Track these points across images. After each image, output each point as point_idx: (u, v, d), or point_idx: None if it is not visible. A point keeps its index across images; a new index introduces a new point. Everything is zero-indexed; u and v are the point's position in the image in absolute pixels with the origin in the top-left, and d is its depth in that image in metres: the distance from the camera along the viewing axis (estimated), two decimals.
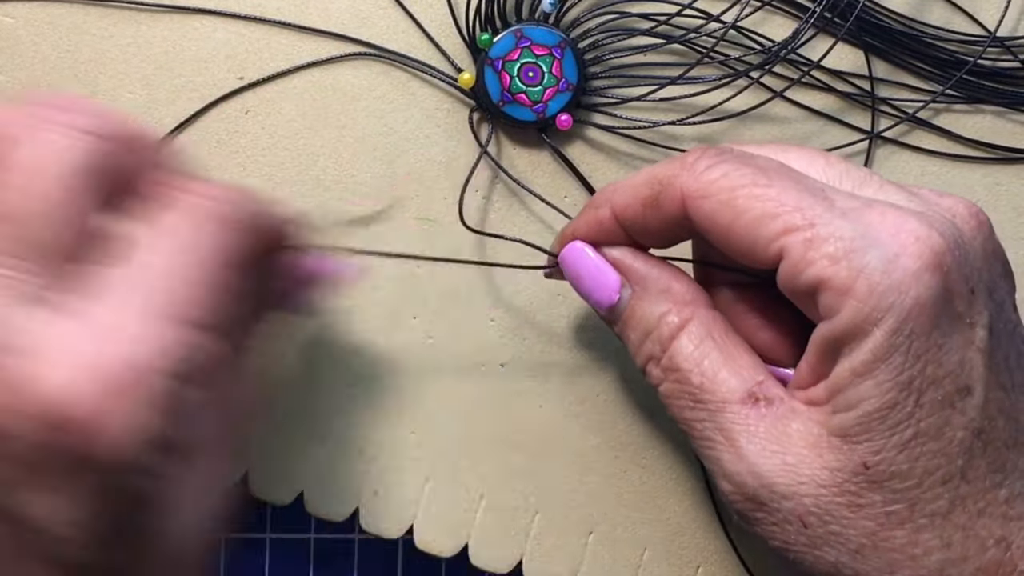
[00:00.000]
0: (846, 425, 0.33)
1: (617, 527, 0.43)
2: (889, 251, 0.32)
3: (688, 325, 0.36)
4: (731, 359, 0.35)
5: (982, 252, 0.34)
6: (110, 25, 0.43)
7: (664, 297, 0.37)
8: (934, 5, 0.44)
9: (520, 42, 0.42)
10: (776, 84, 0.43)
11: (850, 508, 0.33)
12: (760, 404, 0.34)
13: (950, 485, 0.33)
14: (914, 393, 0.32)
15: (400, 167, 0.43)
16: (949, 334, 0.32)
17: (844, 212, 0.33)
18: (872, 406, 0.32)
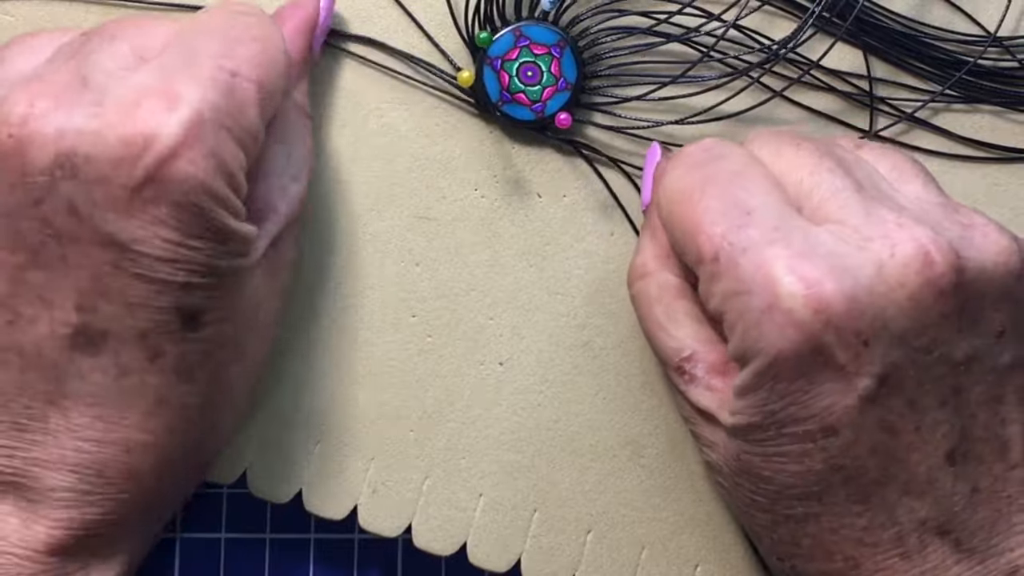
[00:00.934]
0: (728, 423, 0.36)
1: (615, 526, 0.43)
2: (763, 301, 0.34)
3: (647, 279, 0.40)
4: (672, 325, 0.39)
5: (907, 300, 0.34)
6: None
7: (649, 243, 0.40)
8: (934, 5, 0.44)
9: (519, 41, 0.42)
10: (775, 84, 0.43)
11: (731, 480, 0.38)
12: (684, 376, 0.38)
13: (806, 502, 0.36)
14: (776, 423, 0.35)
15: (399, 165, 0.43)
16: (820, 382, 0.34)
17: (746, 247, 0.34)
18: (742, 420, 0.36)
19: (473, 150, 0.43)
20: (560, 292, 0.43)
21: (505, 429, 0.43)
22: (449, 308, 0.43)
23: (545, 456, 0.43)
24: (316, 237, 0.43)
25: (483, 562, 0.43)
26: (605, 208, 0.43)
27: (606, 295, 0.43)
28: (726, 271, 0.35)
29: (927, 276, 0.34)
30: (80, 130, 0.33)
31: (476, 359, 0.43)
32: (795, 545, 0.37)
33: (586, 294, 0.43)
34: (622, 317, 0.43)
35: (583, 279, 0.43)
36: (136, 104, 0.33)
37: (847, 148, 0.39)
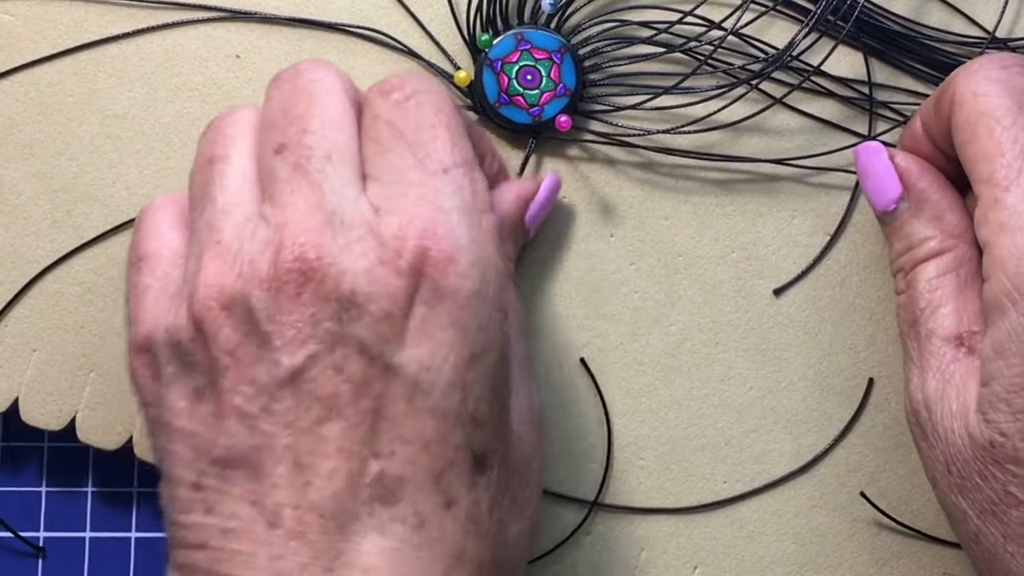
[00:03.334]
0: (982, 399, 0.34)
1: (614, 527, 0.43)
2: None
3: (943, 255, 0.38)
4: (962, 300, 0.37)
5: None
6: (110, 23, 0.43)
7: (934, 224, 0.38)
8: (933, 7, 0.44)
9: (520, 44, 0.42)
10: (774, 90, 0.43)
11: (979, 476, 0.35)
12: (962, 350, 0.36)
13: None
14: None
15: None
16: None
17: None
18: (1000, 386, 0.34)
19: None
20: (559, 294, 0.43)
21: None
22: None
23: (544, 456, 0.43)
24: None
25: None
26: (604, 210, 0.43)
27: (605, 297, 0.43)
28: (1016, 204, 0.34)
29: None
30: (355, 271, 0.33)
31: None
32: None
33: (585, 296, 0.43)
34: (621, 319, 0.43)
35: (582, 281, 0.43)
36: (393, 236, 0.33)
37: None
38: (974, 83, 0.36)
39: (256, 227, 0.34)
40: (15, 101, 0.43)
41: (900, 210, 0.39)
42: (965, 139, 0.36)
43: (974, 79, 0.36)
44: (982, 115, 0.35)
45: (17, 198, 0.43)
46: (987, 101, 0.36)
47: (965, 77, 0.37)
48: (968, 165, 0.36)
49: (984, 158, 0.35)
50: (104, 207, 0.43)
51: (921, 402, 0.37)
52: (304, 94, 0.36)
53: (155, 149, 0.43)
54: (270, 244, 0.33)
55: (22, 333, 0.42)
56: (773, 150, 0.43)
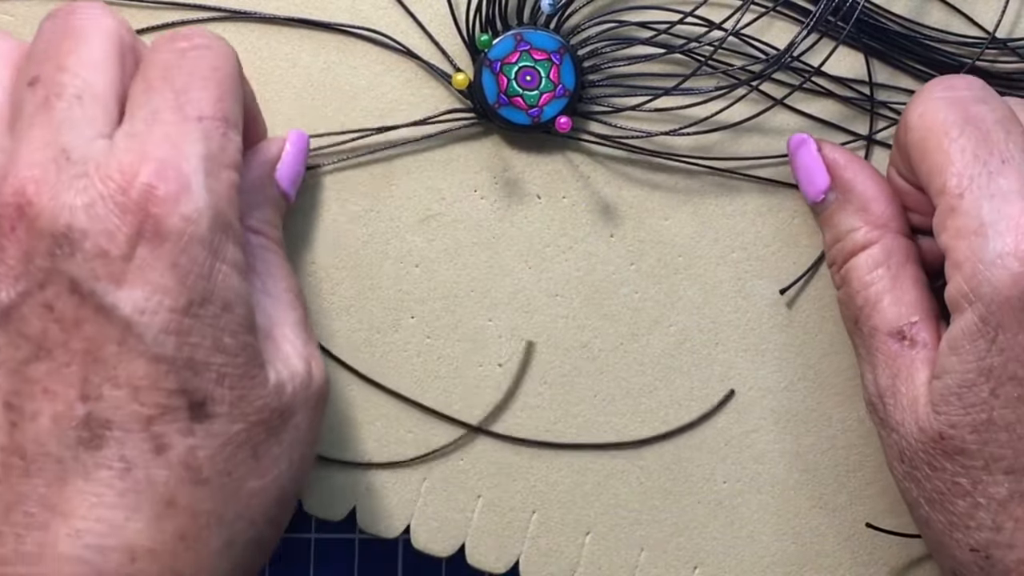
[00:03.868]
0: (936, 392, 0.35)
1: (614, 527, 0.43)
2: (1003, 247, 0.34)
3: (871, 247, 0.39)
4: (898, 291, 0.38)
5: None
6: None
7: (860, 215, 0.40)
8: (933, 7, 0.44)
9: (519, 45, 0.42)
10: (775, 90, 0.43)
11: (928, 466, 0.36)
12: (905, 343, 0.38)
13: (1012, 477, 0.35)
14: (991, 381, 0.34)
15: (398, 166, 0.43)
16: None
17: (994, 194, 0.35)
18: (953, 380, 0.35)
19: (473, 152, 0.43)
20: (559, 294, 0.43)
21: (503, 431, 0.43)
22: (448, 309, 0.43)
23: (544, 457, 0.43)
24: (315, 238, 0.43)
25: (481, 563, 0.43)
26: (604, 210, 0.43)
27: (605, 297, 0.43)
28: (969, 209, 0.35)
29: None
30: (73, 206, 0.32)
31: (475, 360, 0.43)
32: (996, 531, 0.35)
33: (585, 296, 0.43)
34: (621, 319, 0.43)
35: (583, 281, 0.43)
36: (121, 171, 0.32)
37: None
38: (920, 105, 0.37)
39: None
40: None
41: (829, 200, 0.41)
42: (918, 159, 0.37)
43: (919, 101, 0.37)
44: (930, 131, 0.36)
45: None
46: (933, 117, 0.37)
47: (912, 103, 0.38)
48: (925, 183, 0.37)
49: (937, 170, 0.36)
50: None
51: (876, 395, 0.38)
52: (71, 31, 0.35)
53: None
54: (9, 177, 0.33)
55: None
56: (773, 150, 0.43)
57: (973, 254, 0.34)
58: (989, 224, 0.34)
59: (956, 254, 0.35)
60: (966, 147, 0.36)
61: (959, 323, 0.35)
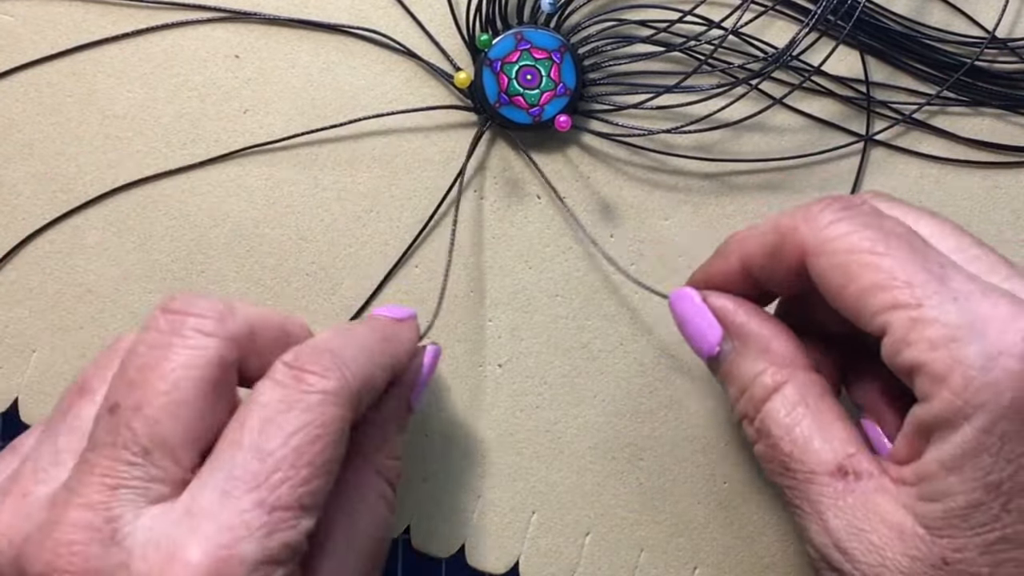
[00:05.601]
0: (930, 516, 0.32)
1: (614, 528, 0.43)
2: (992, 347, 0.31)
3: (782, 388, 0.36)
4: (824, 427, 0.35)
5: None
6: (109, 24, 0.43)
7: (762, 357, 0.36)
8: (933, 7, 0.44)
9: (520, 44, 0.42)
10: (774, 89, 0.43)
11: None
12: (849, 478, 0.34)
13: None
14: (1002, 496, 0.31)
15: (399, 166, 0.43)
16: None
17: (956, 296, 0.32)
18: (956, 503, 0.31)
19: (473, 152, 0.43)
20: (559, 294, 0.43)
21: (504, 431, 0.43)
22: (448, 309, 0.43)
23: (543, 458, 0.43)
24: (315, 239, 0.43)
25: (481, 564, 0.43)
26: (604, 210, 0.43)
27: (605, 297, 0.43)
28: (936, 317, 0.31)
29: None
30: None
31: (475, 360, 0.43)
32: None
33: (585, 296, 0.43)
34: (621, 319, 0.43)
35: (583, 281, 0.43)
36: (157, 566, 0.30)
37: None
38: (825, 229, 0.34)
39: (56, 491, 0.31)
40: (15, 101, 0.43)
41: (725, 352, 0.37)
42: (841, 283, 0.33)
43: (820, 225, 0.34)
44: (851, 253, 0.33)
45: (17, 198, 0.43)
46: (849, 239, 0.33)
47: (811, 227, 0.34)
48: (852, 306, 0.33)
49: (875, 290, 0.32)
50: (104, 207, 0.43)
51: (830, 546, 0.34)
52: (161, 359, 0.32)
53: (155, 149, 0.43)
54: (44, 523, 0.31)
55: (22, 333, 0.42)
56: (773, 149, 0.43)
57: (959, 363, 0.31)
58: (964, 327, 0.31)
59: (935, 367, 0.31)
60: (901, 259, 0.32)
61: (954, 440, 0.31)
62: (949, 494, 0.31)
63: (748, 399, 0.36)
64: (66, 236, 0.43)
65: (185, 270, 0.43)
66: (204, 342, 0.32)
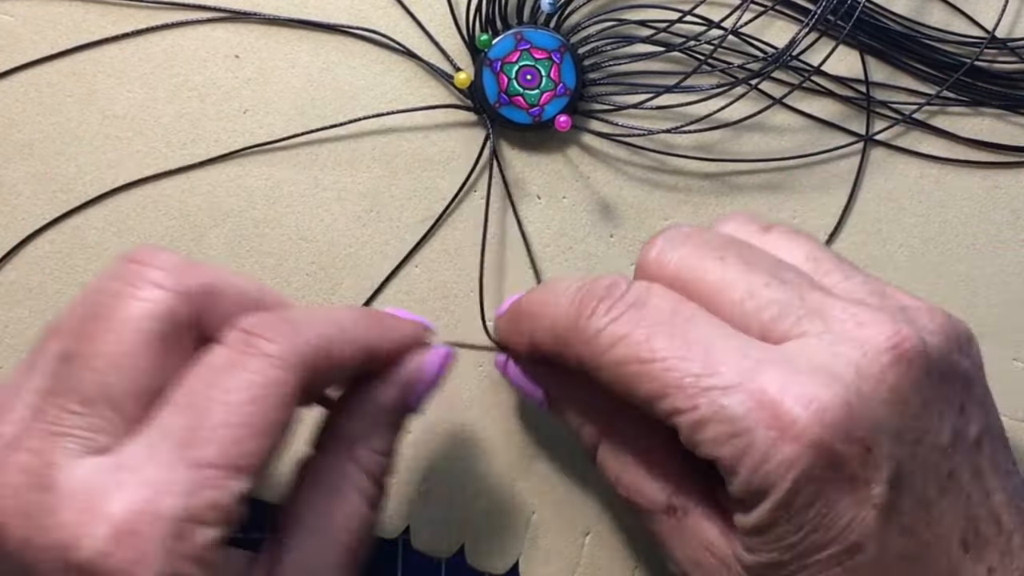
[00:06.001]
0: (743, 561, 0.34)
1: (614, 528, 0.43)
2: (769, 433, 0.32)
3: (603, 440, 0.38)
4: (650, 467, 0.37)
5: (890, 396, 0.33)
6: (109, 23, 0.43)
7: (578, 412, 0.38)
8: (933, 7, 0.44)
9: (520, 44, 0.42)
10: (774, 89, 0.43)
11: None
12: (678, 514, 0.36)
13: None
14: (800, 557, 0.33)
15: (399, 166, 0.43)
16: (836, 501, 0.32)
17: (728, 386, 0.32)
18: (761, 559, 0.33)
19: (473, 151, 0.43)
20: None
21: (504, 431, 0.43)
22: (448, 309, 0.43)
23: (543, 458, 0.43)
24: (315, 239, 0.43)
25: (481, 564, 0.43)
26: (604, 210, 0.43)
27: None
28: (713, 416, 0.32)
29: (902, 366, 0.33)
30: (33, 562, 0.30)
31: (475, 361, 0.43)
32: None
33: None
34: None
35: None
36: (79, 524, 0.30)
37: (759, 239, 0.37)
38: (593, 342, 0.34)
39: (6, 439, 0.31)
40: (15, 101, 0.43)
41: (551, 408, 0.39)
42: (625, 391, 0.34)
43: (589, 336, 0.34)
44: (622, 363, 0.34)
45: (17, 198, 0.43)
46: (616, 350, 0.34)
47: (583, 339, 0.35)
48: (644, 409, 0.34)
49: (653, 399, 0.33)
50: (104, 207, 0.43)
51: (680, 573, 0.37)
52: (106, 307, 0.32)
53: (155, 149, 0.43)
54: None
55: (22, 333, 0.42)
56: (773, 149, 0.43)
57: (743, 454, 0.32)
58: (748, 413, 0.32)
59: (725, 461, 0.32)
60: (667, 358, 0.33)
61: (754, 515, 0.33)
62: (756, 550, 0.33)
63: (583, 446, 0.39)
64: (66, 236, 0.43)
65: None
66: (156, 295, 0.32)
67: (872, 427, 0.32)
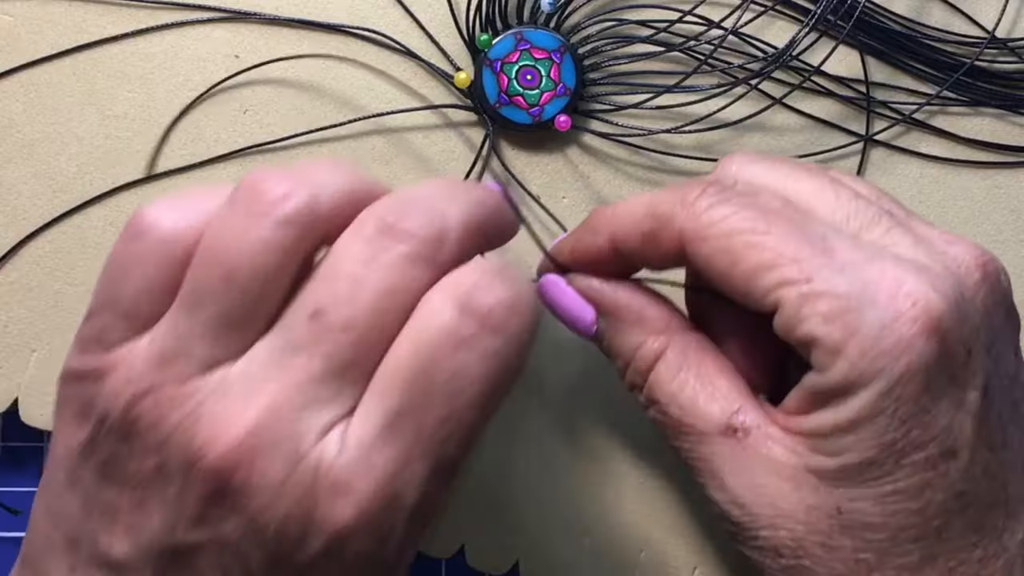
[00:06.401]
0: (824, 469, 0.33)
1: (614, 528, 0.43)
2: (885, 314, 0.31)
3: (663, 355, 0.36)
4: (708, 387, 0.35)
5: (983, 308, 0.33)
6: (109, 23, 0.43)
7: (638, 327, 0.37)
8: (933, 7, 0.44)
9: (520, 44, 0.42)
10: (774, 89, 0.43)
11: (822, 547, 0.33)
12: (739, 435, 0.34)
13: (923, 543, 0.32)
14: (895, 454, 0.32)
15: (398, 166, 0.43)
16: (939, 399, 0.32)
17: (843, 266, 0.32)
18: (851, 459, 0.32)
19: (473, 151, 0.43)
20: None
21: (503, 431, 0.43)
22: None
23: (543, 458, 0.43)
24: None
25: (481, 565, 0.43)
26: None
27: None
28: (826, 290, 0.32)
29: (988, 286, 0.33)
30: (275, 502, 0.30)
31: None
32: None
33: None
34: None
35: None
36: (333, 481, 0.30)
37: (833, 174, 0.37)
38: (704, 215, 0.34)
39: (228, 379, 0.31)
40: (15, 101, 0.43)
41: (602, 329, 0.37)
42: (726, 266, 0.33)
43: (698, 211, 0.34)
44: (733, 235, 0.33)
45: (17, 198, 0.43)
46: (728, 223, 0.33)
47: (689, 214, 0.34)
48: (740, 287, 0.33)
49: (762, 270, 0.33)
50: (104, 207, 0.43)
51: (728, 502, 0.35)
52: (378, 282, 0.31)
53: (155, 149, 0.43)
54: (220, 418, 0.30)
55: (22, 333, 0.42)
56: (773, 149, 0.43)
57: (853, 334, 0.31)
58: (855, 296, 0.32)
59: (830, 340, 0.32)
60: (783, 235, 0.33)
61: (851, 405, 0.32)
62: (844, 451, 0.32)
63: (634, 371, 0.37)
64: (66, 236, 0.43)
65: None
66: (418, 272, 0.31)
67: (972, 332, 0.32)
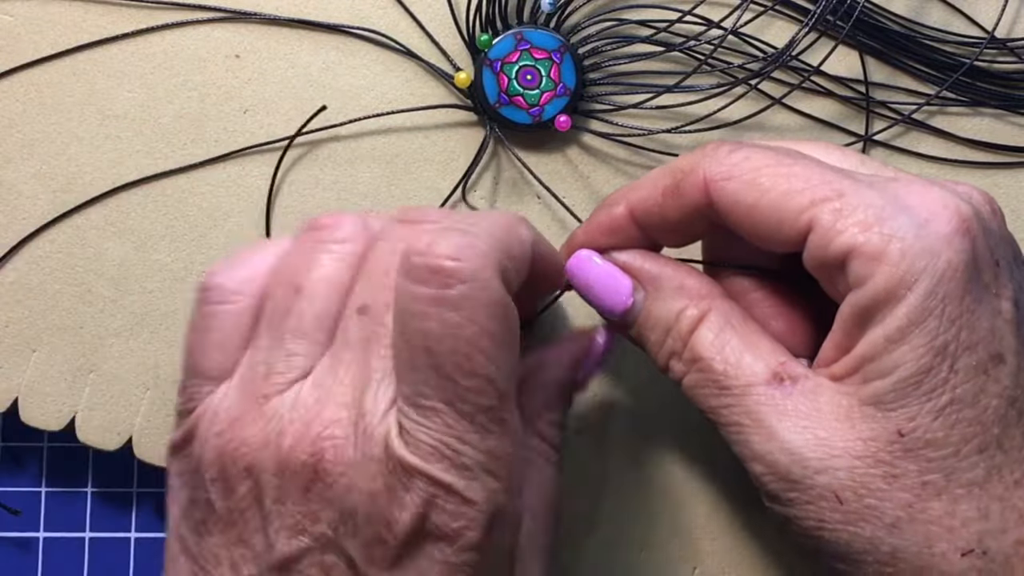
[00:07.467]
0: (880, 392, 0.33)
1: (614, 528, 0.43)
2: (919, 216, 0.32)
3: (708, 316, 0.36)
4: (752, 343, 0.35)
5: (999, 231, 0.34)
6: (109, 23, 0.43)
7: (679, 293, 0.37)
8: (933, 7, 0.44)
9: (520, 44, 0.42)
10: (774, 89, 0.43)
11: (885, 479, 0.32)
12: (786, 382, 0.34)
13: (986, 454, 0.32)
14: (948, 358, 0.32)
15: (399, 166, 0.43)
16: (980, 300, 0.32)
17: (871, 183, 0.33)
18: (907, 371, 0.32)
19: (473, 151, 0.43)
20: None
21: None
22: None
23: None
24: None
25: None
26: None
27: None
28: (859, 203, 0.33)
29: (1000, 217, 0.35)
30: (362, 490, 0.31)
31: None
32: (984, 519, 0.32)
33: None
34: None
35: None
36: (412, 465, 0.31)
37: None
38: (729, 157, 0.35)
39: (301, 391, 0.33)
40: (15, 101, 0.43)
41: (638, 302, 0.37)
42: (756, 196, 0.34)
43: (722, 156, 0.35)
44: (760, 169, 0.34)
45: (17, 198, 0.43)
46: (753, 160, 0.34)
47: (713, 159, 0.35)
48: (769, 217, 0.34)
49: (792, 193, 0.33)
50: (104, 207, 0.43)
51: (776, 451, 0.34)
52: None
53: (155, 149, 0.43)
54: (300, 422, 0.32)
55: (22, 333, 0.42)
56: None
57: (892, 237, 0.32)
58: (888, 205, 0.32)
59: (870, 247, 0.32)
60: (809, 165, 0.34)
61: (899, 312, 0.32)
62: (899, 364, 0.32)
63: (675, 336, 0.36)
64: (66, 236, 0.43)
65: (185, 270, 0.43)
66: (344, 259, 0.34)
67: (998, 245, 0.33)
